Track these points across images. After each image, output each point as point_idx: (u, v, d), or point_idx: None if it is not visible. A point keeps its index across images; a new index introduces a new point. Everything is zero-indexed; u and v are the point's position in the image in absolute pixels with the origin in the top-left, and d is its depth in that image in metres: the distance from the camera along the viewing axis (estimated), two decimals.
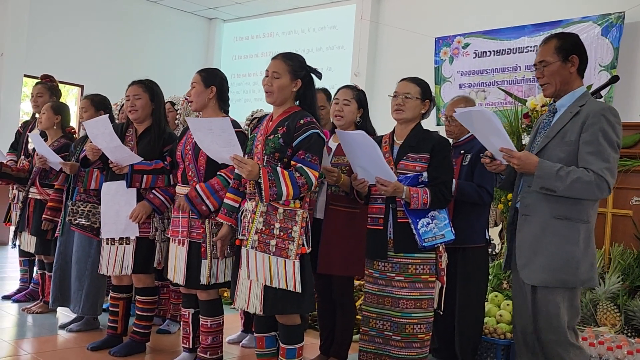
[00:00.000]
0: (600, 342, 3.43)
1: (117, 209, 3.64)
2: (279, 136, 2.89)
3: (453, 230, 3.10)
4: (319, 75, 3.05)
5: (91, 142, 3.69)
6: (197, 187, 3.23)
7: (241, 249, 2.94)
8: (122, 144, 3.57)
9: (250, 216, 2.90)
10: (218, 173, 3.24)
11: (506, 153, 2.64)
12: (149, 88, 3.72)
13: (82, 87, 9.94)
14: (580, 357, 2.67)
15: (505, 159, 2.68)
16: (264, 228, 2.85)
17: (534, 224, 2.67)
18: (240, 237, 2.95)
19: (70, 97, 10.51)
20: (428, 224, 3.04)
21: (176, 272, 3.33)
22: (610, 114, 2.61)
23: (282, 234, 2.84)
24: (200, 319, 3.38)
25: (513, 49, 7.82)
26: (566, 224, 2.62)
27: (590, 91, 4.45)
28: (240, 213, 3.00)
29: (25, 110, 9.36)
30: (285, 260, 2.82)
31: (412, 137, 3.15)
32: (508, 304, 4.09)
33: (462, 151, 3.67)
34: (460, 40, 8.33)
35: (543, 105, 4.71)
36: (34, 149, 4.62)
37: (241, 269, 2.93)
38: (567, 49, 2.70)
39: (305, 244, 2.87)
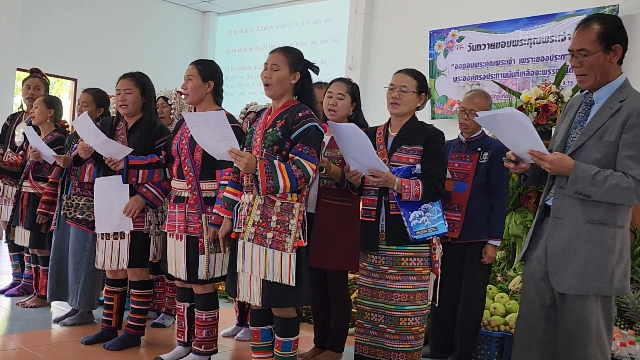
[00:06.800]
0: None
1: (111, 204, 3.63)
2: (278, 129, 2.89)
3: (446, 223, 3.10)
4: (316, 70, 3.04)
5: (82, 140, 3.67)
6: (217, 210, 3.11)
7: (237, 241, 2.92)
8: (107, 138, 3.55)
9: (247, 209, 2.89)
10: (221, 183, 3.18)
11: (536, 156, 2.45)
12: (140, 82, 3.70)
13: (75, 80, 9.89)
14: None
15: (535, 162, 2.49)
16: (261, 220, 2.85)
17: (566, 228, 2.50)
18: (236, 230, 2.94)
19: (64, 91, 10.45)
20: (420, 216, 3.02)
21: (177, 267, 3.32)
22: None
23: (279, 226, 2.83)
24: (196, 313, 3.38)
25: (507, 42, 7.81)
26: (601, 229, 2.45)
27: None
28: (236, 206, 2.99)
29: (19, 104, 9.30)
30: (281, 253, 2.81)
31: (406, 129, 3.14)
32: (502, 297, 4.11)
33: (479, 148, 3.64)
34: (455, 34, 8.32)
35: (537, 99, 4.71)
36: (26, 143, 4.59)
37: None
38: (610, 36, 2.43)
39: (302, 237, 2.86)
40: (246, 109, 4.42)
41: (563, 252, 2.50)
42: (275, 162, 2.82)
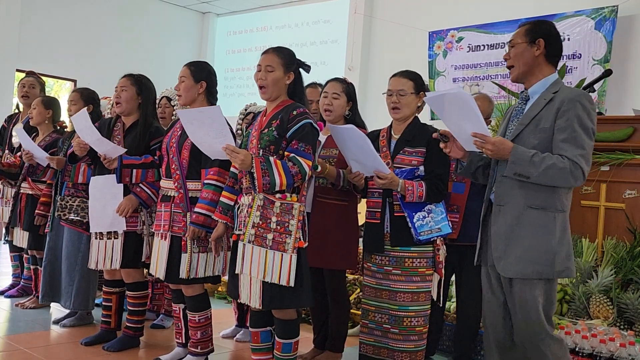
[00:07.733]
0: (593, 335, 3.44)
1: (104, 203, 3.62)
2: (273, 129, 2.89)
3: (450, 224, 3.10)
4: (307, 69, 3.04)
5: (78, 137, 3.67)
6: (199, 209, 3.13)
7: (238, 243, 2.91)
8: (101, 136, 3.55)
9: (247, 210, 2.88)
10: (205, 182, 3.18)
11: (479, 138, 2.55)
12: (137, 81, 3.71)
13: (75, 81, 9.88)
14: (560, 349, 2.62)
15: (477, 145, 2.58)
16: (260, 222, 2.83)
17: (508, 214, 2.60)
18: (237, 232, 2.94)
19: (64, 92, 10.45)
20: (424, 217, 3.04)
21: (158, 266, 3.33)
22: (586, 100, 2.56)
23: (279, 227, 2.83)
24: (188, 315, 3.38)
25: (507, 42, 7.82)
26: (541, 213, 2.56)
27: (584, 85, 4.48)
28: (237, 208, 2.98)
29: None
30: (282, 254, 2.80)
31: (409, 131, 3.16)
32: None
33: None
34: (454, 34, 8.32)
35: None
36: (20, 144, 4.59)
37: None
38: (535, 32, 2.69)
39: (302, 237, 2.86)
40: (245, 109, 4.41)
41: (505, 237, 2.60)
42: (271, 159, 2.82)
